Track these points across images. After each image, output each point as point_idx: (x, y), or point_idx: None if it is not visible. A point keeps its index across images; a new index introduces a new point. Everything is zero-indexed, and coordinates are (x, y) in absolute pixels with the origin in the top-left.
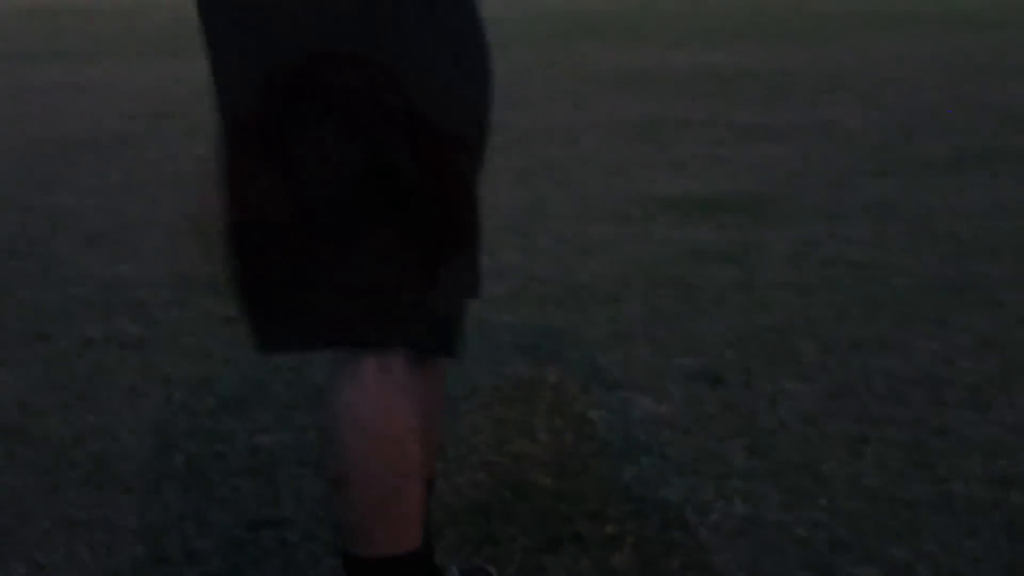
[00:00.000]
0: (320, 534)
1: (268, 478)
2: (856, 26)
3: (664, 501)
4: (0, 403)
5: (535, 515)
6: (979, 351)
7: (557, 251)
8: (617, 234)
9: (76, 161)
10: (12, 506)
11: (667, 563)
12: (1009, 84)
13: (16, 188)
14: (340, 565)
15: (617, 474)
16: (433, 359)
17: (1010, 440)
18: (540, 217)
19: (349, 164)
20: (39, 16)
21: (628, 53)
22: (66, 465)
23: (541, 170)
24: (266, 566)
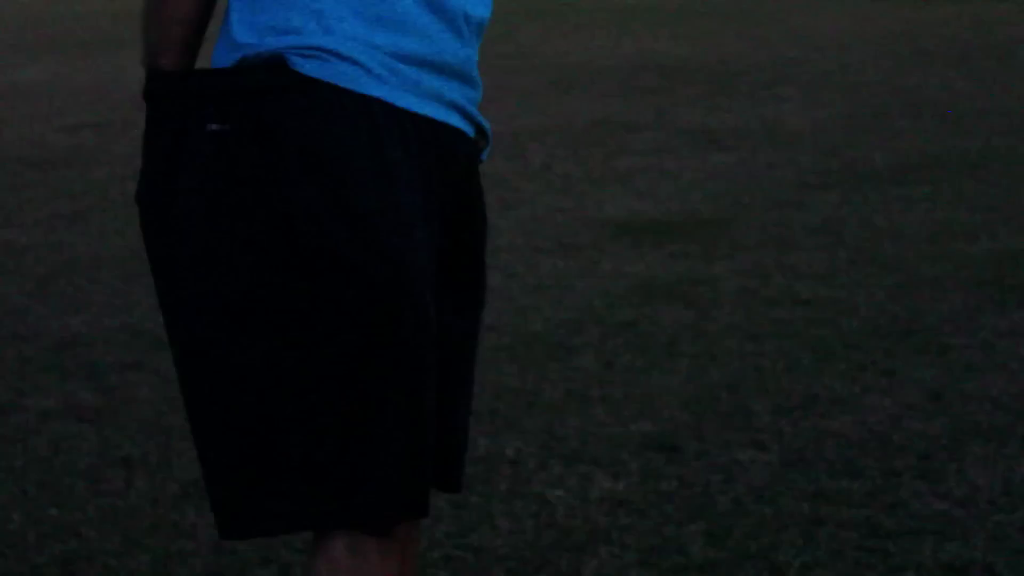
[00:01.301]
0: None
1: None
2: (791, 4)
3: None
4: None
5: None
6: (928, 408)
7: (509, 290)
8: (567, 268)
9: (21, 186)
10: None
11: None
12: (949, 74)
13: None
14: None
15: (576, 568)
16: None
17: (960, 516)
18: (490, 249)
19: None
20: None
21: (571, 41)
22: (31, 570)
23: (489, 188)
24: None
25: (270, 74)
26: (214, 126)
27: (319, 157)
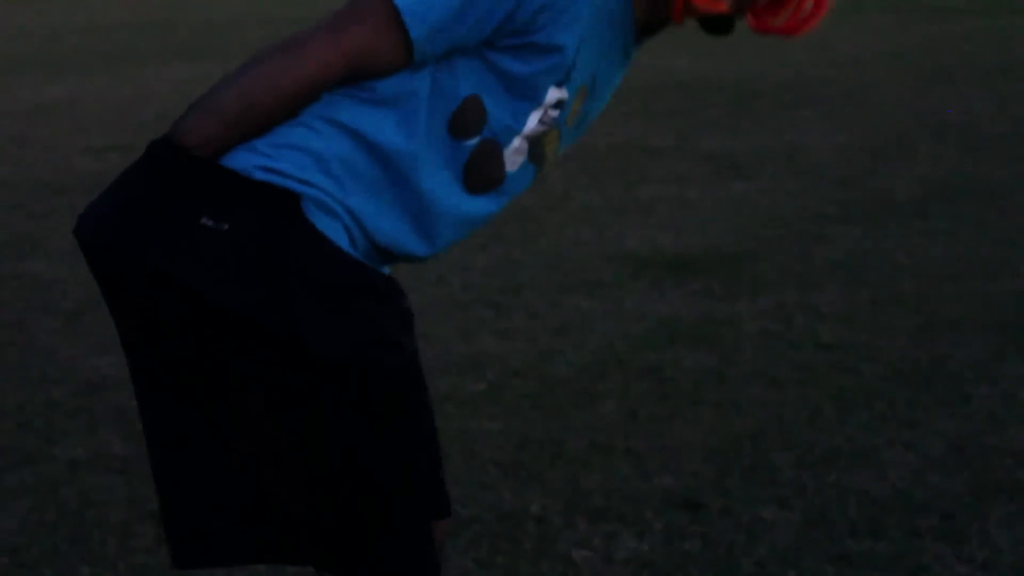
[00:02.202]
0: None
1: None
2: None
3: None
4: None
5: None
6: (950, 463)
7: (532, 331)
8: (590, 308)
9: (46, 213)
10: None
11: None
12: (970, 94)
13: None
14: None
15: None
16: None
17: None
18: (513, 287)
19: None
20: None
21: None
22: None
23: (512, 219)
24: None
25: (284, 206)
26: (208, 221)
27: (317, 277)
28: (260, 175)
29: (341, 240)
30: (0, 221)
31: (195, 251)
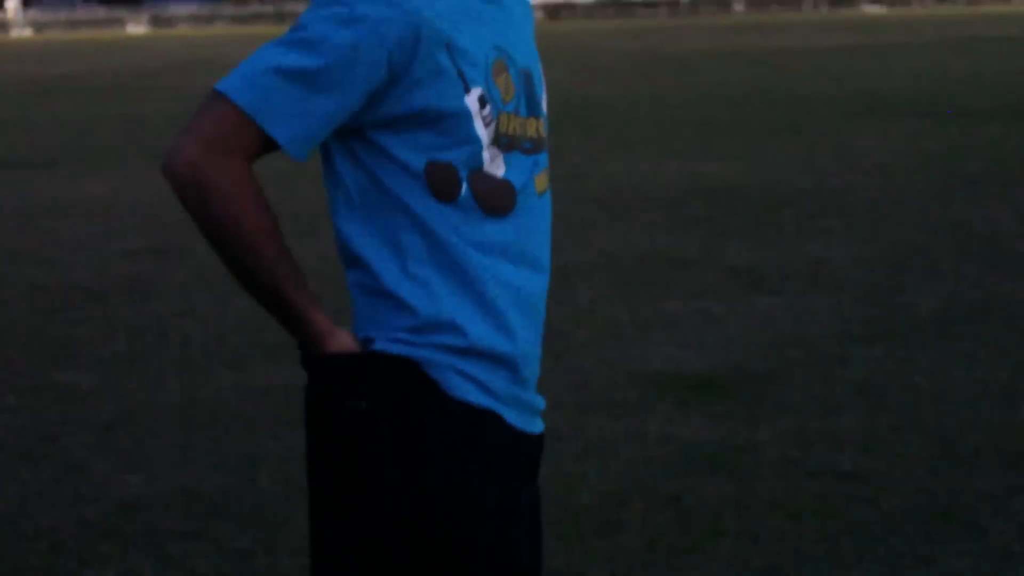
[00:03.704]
0: None
1: None
2: (839, 119)
3: None
4: None
5: None
6: None
7: (556, 455)
8: (613, 431)
9: (82, 319)
10: None
11: None
12: (995, 206)
13: (23, 359)
14: None
15: None
16: None
17: None
18: None
19: None
20: (21, 95)
21: (621, 160)
22: None
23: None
24: None
25: (408, 376)
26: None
27: (447, 449)
28: (393, 349)
29: (468, 393)
30: (35, 327)
31: (345, 440)
